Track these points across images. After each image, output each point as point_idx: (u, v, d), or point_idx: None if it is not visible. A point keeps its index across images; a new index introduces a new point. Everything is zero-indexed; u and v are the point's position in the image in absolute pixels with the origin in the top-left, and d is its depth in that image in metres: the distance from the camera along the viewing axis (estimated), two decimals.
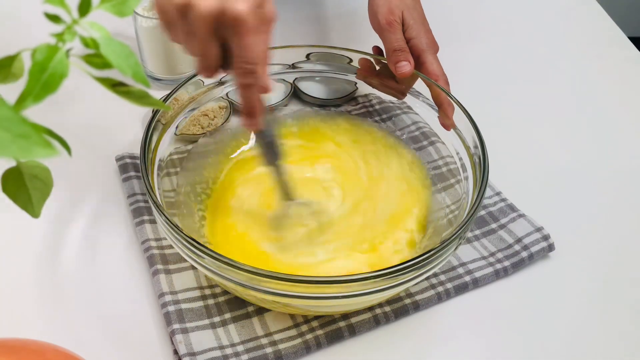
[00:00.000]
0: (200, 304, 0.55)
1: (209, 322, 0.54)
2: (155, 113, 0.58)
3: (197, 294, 0.56)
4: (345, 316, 0.55)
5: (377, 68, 0.68)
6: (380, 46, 0.69)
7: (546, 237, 0.61)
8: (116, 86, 0.33)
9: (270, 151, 0.56)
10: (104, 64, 0.30)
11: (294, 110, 0.71)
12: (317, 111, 0.71)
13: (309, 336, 0.54)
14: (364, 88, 0.69)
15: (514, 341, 0.55)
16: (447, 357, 0.54)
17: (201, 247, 0.47)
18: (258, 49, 0.47)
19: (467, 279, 0.58)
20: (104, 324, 0.55)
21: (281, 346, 0.53)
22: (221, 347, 0.52)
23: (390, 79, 0.67)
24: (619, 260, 0.62)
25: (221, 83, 0.65)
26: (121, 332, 0.54)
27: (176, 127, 0.61)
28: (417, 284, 0.54)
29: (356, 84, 0.69)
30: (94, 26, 0.31)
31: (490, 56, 0.89)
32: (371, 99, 0.71)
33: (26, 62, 0.30)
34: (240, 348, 0.52)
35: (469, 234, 0.62)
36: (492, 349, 0.55)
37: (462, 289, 0.58)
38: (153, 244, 0.59)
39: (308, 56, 0.68)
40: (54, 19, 0.31)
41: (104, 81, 0.32)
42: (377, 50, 0.72)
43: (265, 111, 0.53)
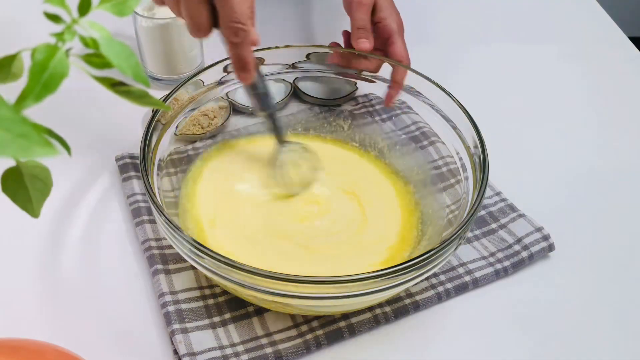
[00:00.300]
0: (200, 304, 0.55)
1: (209, 322, 0.54)
2: (155, 113, 0.58)
3: (197, 294, 0.56)
4: (345, 316, 0.55)
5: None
6: (350, 33, 0.71)
7: (546, 237, 0.61)
8: (116, 86, 0.33)
9: (263, 101, 0.60)
10: (104, 63, 0.30)
11: (294, 110, 0.71)
12: (316, 113, 0.71)
13: (309, 336, 0.54)
14: (364, 88, 0.69)
15: (514, 341, 0.55)
16: (447, 357, 0.54)
17: (201, 247, 0.47)
18: (243, 7, 0.50)
19: (467, 279, 0.58)
20: (104, 324, 0.55)
21: (281, 346, 0.53)
22: (221, 347, 0.52)
23: (359, 59, 0.68)
24: (619, 260, 0.62)
25: (221, 83, 0.65)
26: (121, 332, 0.54)
27: (176, 127, 0.61)
28: (417, 284, 0.54)
29: (356, 83, 0.69)
30: (93, 26, 0.31)
31: (490, 56, 0.89)
32: (371, 99, 0.71)
33: (26, 61, 0.30)
34: (240, 348, 0.52)
35: (469, 234, 0.62)
36: (492, 349, 0.55)
37: (462, 289, 0.58)
38: (153, 244, 0.59)
39: (308, 56, 0.68)
40: (53, 18, 0.31)
41: (103, 81, 0.32)
42: (347, 34, 0.73)
43: (257, 64, 0.56)
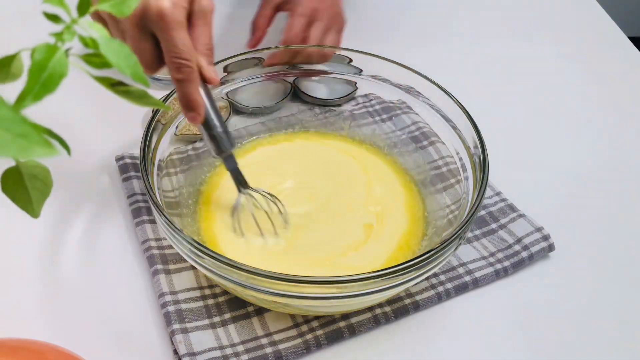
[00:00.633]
0: (200, 304, 0.55)
1: (209, 322, 0.54)
2: (155, 113, 0.58)
3: (197, 294, 0.56)
4: (345, 316, 0.55)
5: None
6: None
7: (546, 237, 0.61)
8: (115, 86, 0.33)
9: (218, 142, 0.56)
10: (103, 63, 0.30)
11: (294, 110, 0.71)
12: (316, 113, 0.71)
13: (309, 336, 0.54)
14: (364, 88, 0.69)
15: (514, 341, 0.55)
16: (447, 357, 0.54)
17: (201, 247, 0.47)
18: (185, 43, 0.48)
19: (467, 279, 0.58)
20: (104, 324, 0.55)
21: (281, 346, 0.53)
22: (221, 347, 0.52)
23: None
24: (619, 260, 0.62)
25: (221, 83, 0.65)
26: (121, 332, 0.54)
27: (176, 127, 0.61)
28: (417, 284, 0.54)
29: (356, 83, 0.69)
30: (93, 26, 0.31)
31: (490, 56, 0.89)
32: (371, 99, 0.71)
33: (25, 61, 0.30)
34: (240, 348, 0.52)
35: (469, 234, 0.62)
36: (492, 349, 0.55)
37: (462, 289, 0.58)
38: (153, 244, 0.59)
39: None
40: (53, 18, 0.31)
41: (103, 81, 0.32)
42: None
43: (205, 103, 0.53)
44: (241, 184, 0.58)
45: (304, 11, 0.72)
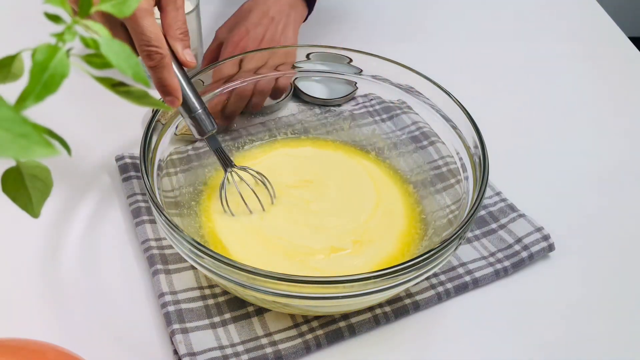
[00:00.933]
0: (200, 304, 0.55)
1: (209, 322, 0.54)
2: (155, 113, 0.58)
3: (197, 294, 0.56)
4: (345, 316, 0.55)
5: None
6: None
7: (546, 237, 0.61)
8: (116, 86, 0.33)
9: (199, 123, 0.57)
10: (104, 63, 0.30)
11: (294, 110, 0.71)
12: (316, 113, 0.71)
13: (309, 336, 0.54)
14: (364, 88, 0.69)
15: (514, 341, 0.55)
16: (447, 357, 0.54)
17: (201, 247, 0.47)
18: (153, 30, 0.48)
19: (467, 279, 0.58)
20: (104, 324, 0.55)
21: (281, 346, 0.53)
22: (221, 347, 0.52)
23: None
24: (619, 260, 0.62)
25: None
26: (121, 332, 0.54)
27: (176, 127, 0.61)
28: (417, 284, 0.54)
29: (356, 83, 0.69)
30: (94, 26, 0.31)
31: (490, 56, 0.89)
32: (371, 99, 0.71)
33: (26, 62, 0.30)
34: (240, 348, 0.52)
35: (469, 234, 0.62)
36: (492, 348, 0.55)
37: (462, 289, 0.58)
38: (153, 244, 0.59)
39: (308, 56, 0.68)
40: (54, 18, 0.31)
41: (103, 81, 0.32)
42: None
43: (183, 86, 0.54)
44: (226, 163, 0.59)
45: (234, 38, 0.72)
